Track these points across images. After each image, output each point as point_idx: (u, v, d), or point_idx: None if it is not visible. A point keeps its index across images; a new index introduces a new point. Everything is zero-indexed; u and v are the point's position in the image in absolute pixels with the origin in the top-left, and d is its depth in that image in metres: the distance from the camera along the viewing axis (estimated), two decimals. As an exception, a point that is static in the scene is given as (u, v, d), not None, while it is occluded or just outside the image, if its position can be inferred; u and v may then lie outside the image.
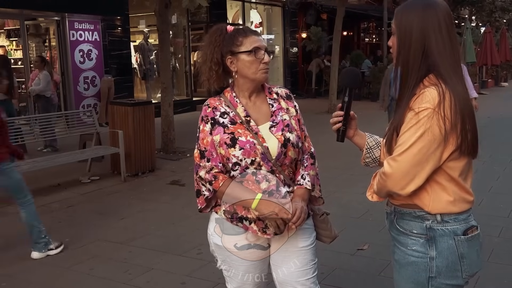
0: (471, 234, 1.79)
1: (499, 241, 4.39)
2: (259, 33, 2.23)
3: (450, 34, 1.74)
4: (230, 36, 2.15)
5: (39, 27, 12.25)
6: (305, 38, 18.43)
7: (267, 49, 2.15)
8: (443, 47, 1.72)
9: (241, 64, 2.13)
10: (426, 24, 1.72)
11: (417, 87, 1.73)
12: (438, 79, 1.70)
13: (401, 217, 1.85)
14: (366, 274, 3.84)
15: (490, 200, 5.50)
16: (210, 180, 2.10)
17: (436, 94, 1.66)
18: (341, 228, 4.64)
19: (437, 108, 1.64)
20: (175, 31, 14.22)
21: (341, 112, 1.95)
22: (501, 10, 25.78)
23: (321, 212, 2.32)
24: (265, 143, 2.09)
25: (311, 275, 2.22)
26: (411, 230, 1.81)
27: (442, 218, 1.76)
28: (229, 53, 2.13)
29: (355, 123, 2.02)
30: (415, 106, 1.67)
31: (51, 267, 4.15)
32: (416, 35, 1.73)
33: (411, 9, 1.77)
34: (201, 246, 4.31)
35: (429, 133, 1.65)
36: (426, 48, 1.72)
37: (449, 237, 1.76)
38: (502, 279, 3.71)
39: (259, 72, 2.13)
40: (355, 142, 2.04)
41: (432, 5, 1.75)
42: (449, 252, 1.76)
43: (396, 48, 1.80)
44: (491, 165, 7.05)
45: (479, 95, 17.56)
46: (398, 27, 1.79)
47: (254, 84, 2.17)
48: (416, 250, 1.79)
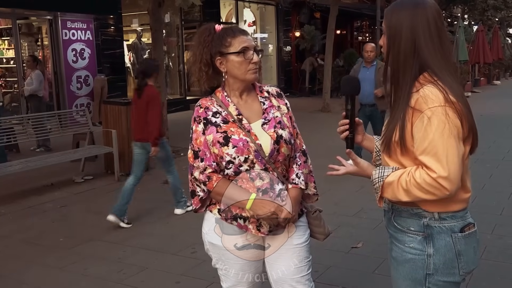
0: (468, 231, 1.80)
1: (492, 238, 4.42)
2: (248, 33, 2.22)
3: (440, 32, 1.75)
4: (219, 36, 2.14)
5: (31, 26, 12.19)
6: (299, 36, 18.44)
7: (256, 49, 2.15)
8: (432, 45, 1.73)
9: (230, 65, 2.13)
10: (416, 23, 1.73)
11: (413, 86, 1.73)
12: (432, 77, 1.71)
13: (398, 215, 1.85)
14: (360, 272, 3.85)
15: (483, 197, 5.53)
16: (204, 180, 2.10)
17: (438, 91, 1.67)
18: (335, 226, 4.66)
19: (447, 104, 1.65)
20: (168, 30, 14.19)
21: (347, 120, 1.96)
22: (493, 9, 25.88)
23: (313, 210, 2.33)
24: (258, 141, 2.09)
25: (305, 272, 2.23)
26: (409, 227, 1.81)
27: (440, 215, 1.77)
28: (218, 54, 2.13)
29: (362, 128, 2.04)
30: (422, 107, 1.66)
31: (45, 267, 4.13)
32: (406, 34, 1.73)
33: (401, 8, 1.77)
34: (195, 245, 4.30)
35: (452, 126, 1.65)
36: (417, 46, 1.72)
37: (447, 234, 1.77)
38: (495, 276, 3.73)
39: (248, 72, 2.13)
40: (365, 146, 2.06)
41: (422, 4, 1.75)
42: (446, 250, 1.77)
43: (386, 47, 1.81)
44: (484, 163, 7.09)
45: (472, 93, 17.81)
46: (388, 27, 1.79)
47: (244, 84, 2.18)
48: (414, 248, 1.80)
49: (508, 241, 4.37)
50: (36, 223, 5.22)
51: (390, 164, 1.82)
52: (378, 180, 1.77)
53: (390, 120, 1.79)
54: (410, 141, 1.72)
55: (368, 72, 6.99)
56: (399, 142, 1.73)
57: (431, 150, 1.65)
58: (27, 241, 4.72)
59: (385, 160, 1.86)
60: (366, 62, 7.11)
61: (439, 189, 1.65)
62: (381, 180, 1.76)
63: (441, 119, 1.63)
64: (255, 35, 17.96)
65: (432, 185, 1.65)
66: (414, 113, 1.69)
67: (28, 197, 6.10)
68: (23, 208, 5.74)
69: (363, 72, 7.02)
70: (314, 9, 18.78)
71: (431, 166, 1.64)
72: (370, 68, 7.04)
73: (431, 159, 1.65)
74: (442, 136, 1.63)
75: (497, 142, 8.64)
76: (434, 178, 1.64)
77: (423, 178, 1.66)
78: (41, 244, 4.62)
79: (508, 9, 27.33)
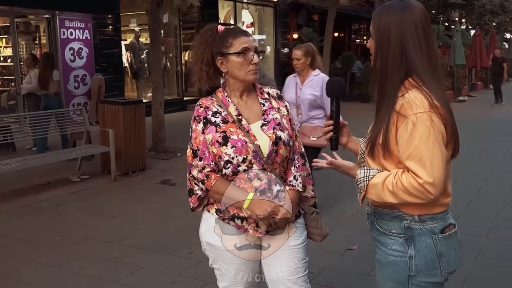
0: (449, 232, 1.82)
1: (487, 241, 4.44)
2: (249, 34, 2.24)
3: (427, 36, 1.76)
4: (220, 37, 2.16)
5: (29, 25, 12.16)
6: (297, 38, 18.44)
7: (257, 49, 2.17)
8: (420, 50, 1.74)
9: (230, 65, 2.15)
10: (403, 26, 1.74)
11: (398, 90, 1.74)
12: (418, 82, 1.73)
13: (380, 218, 1.88)
14: (355, 274, 3.87)
15: (478, 201, 5.56)
16: (203, 179, 2.11)
17: (423, 97, 1.69)
18: (331, 228, 4.66)
19: (432, 109, 1.67)
20: (167, 30, 14.19)
21: (331, 121, 1.99)
22: (490, 14, 26.01)
23: (311, 211, 2.35)
24: (257, 141, 2.11)
25: (302, 274, 2.24)
26: (390, 230, 1.84)
27: (420, 217, 1.79)
28: (219, 54, 2.15)
29: (347, 130, 2.06)
30: (407, 112, 1.68)
31: (41, 266, 4.13)
32: (394, 38, 1.74)
33: (388, 12, 1.78)
34: (191, 245, 4.31)
35: (437, 132, 1.67)
36: (405, 51, 1.74)
37: (427, 236, 1.79)
38: (490, 279, 3.75)
39: (248, 73, 2.15)
40: (350, 148, 2.08)
41: (409, 8, 1.77)
42: (427, 251, 1.79)
43: (374, 51, 1.82)
44: (480, 167, 7.11)
45: (468, 97, 17.86)
46: (376, 30, 1.80)
47: (244, 84, 2.20)
48: (396, 250, 1.82)
49: (503, 244, 4.39)
50: (32, 222, 5.21)
51: (374, 166, 1.84)
52: (363, 179, 1.79)
53: (375, 123, 1.81)
54: (393, 145, 1.74)
55: None
56: (383, 145, 1.75)
57: (416, 155, 1.67)
58: (23, 239, 4.71)
59: (368, 163, 1.88)
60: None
61: (424, 194, 1.68)
62: (366, 180, 1.78)
63: (426, 125, 1.66)
64: (253, 37, 17.94)
65: (418, 189, 1.68)
66: (399, 118, 1.71)
67: (24, 196, 6.08)
68: (19, 206, 5.73)
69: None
70: (312, 11, 18.81)
71: (417, 172, 1.67)
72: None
73: (416, 164, 1.67)
74: (427, 142, 1.65)
75: (493, 146, 8.68)
76: (420, 183, 1.67)
77: (409, 182, 1.68)
78: (37, 243, 4.61)
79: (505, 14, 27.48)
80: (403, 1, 1.79)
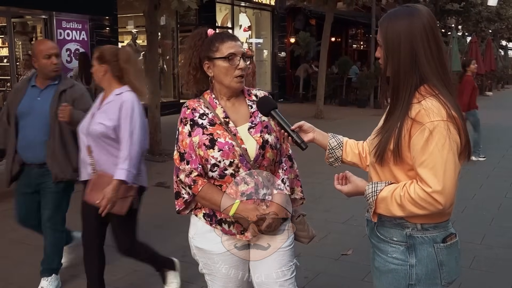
0: (450, 241, 1.80)
1: (481, 248, 4.45)
2: (238, 38, 2.22)
3: (436, 39, 1.73)
4: (208, 41, 2.15)
5: (26, 25, 12.13)
6: (294, 43, 18.50)
7: (244, 55, 2.15)
8: (431, 56, 1.71)
9: (217, 70, 2.14)
10: (413, 33, 1.70)
11: (413, 96, 1.71)
12: (433, 90, 1.71)
13: (381, 225, 1.85)
14: (350, 279, 3.86)
15: (473, 207, 5.57)
16: (190, 184, 2.10)
17: (440, 106, 1.66)
18: (326, 233, 4.66)
19: (449, 119, 1.65)
20: (164, 33, 14.19)
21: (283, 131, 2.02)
22: (487, 21, 26.16)
23: (297, 214, 2.34)
24: (244, 145, 2.10)
25: (289, 276, 2.23)
26: (391, 237, 1.82)
27: (423, 226, 1.77)
28: (206, 58, 2.14)
29: (310, 128, 2.04)
30: (424, 119, 1.65)
31: (34, 267, 4.10)
32: (404, 45, 1.71)
33: (396, 19, 1.74)
34: (186, 249, 4.24)
35: (453, 142, 1.65)
36: (416, 57, 1.71)
37: (429, 245, 1.77)
38: (484, 285, 3.75)
39: (233, 80, 2.13)
40: (318, 144, 2.07)
41: (416, 13, 1.73)
42: (428, 260, 1.77)
43: (384, 59, 1.79)
44: (475, 174, 7.13)
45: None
46: (385, 38, 1.76)
47: (230, 90, 2.18)
48: (396, 258, 1.80)
49: (497, 251, 4.40)
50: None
51: (380, 173, 1.82)
52: (371, 195, 1.75)
53: (383, 129, 1.78)
54: (406, 151, 1.71)
55: (40, 98, 3.55)
56: (394, 151, 1.72)
57: (430, 163, 1.64)
58: (15, 240, 4.68)
59: (375, 170, 1.84)
60: (43, 79, 3.55)
61: (432, 204, 1.65)
62: (375, 195, 1.74)
63: (443, 133, 1.63)
64: (251, 40, 18.01)
65: (426, 200, 1.64)
66: (414, 125, 1.67)
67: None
68: (12, 207, 5.69)
69: (32, 97, 3.57)
70: (309, 15, 18.87)
71: (427, 180, 1.64)
72: (45, 90, 3.56)
73: (429, 172, 1.64)
74: (442, 150, 1.63)
75: (488, 153, 8.70)
76: (428, 192, 1.64)
77: (417, 193, 1.65)
78: (30, 244, 4.58)
79: (501, 21, 27.65)
80: (409, 7, 1.76)
